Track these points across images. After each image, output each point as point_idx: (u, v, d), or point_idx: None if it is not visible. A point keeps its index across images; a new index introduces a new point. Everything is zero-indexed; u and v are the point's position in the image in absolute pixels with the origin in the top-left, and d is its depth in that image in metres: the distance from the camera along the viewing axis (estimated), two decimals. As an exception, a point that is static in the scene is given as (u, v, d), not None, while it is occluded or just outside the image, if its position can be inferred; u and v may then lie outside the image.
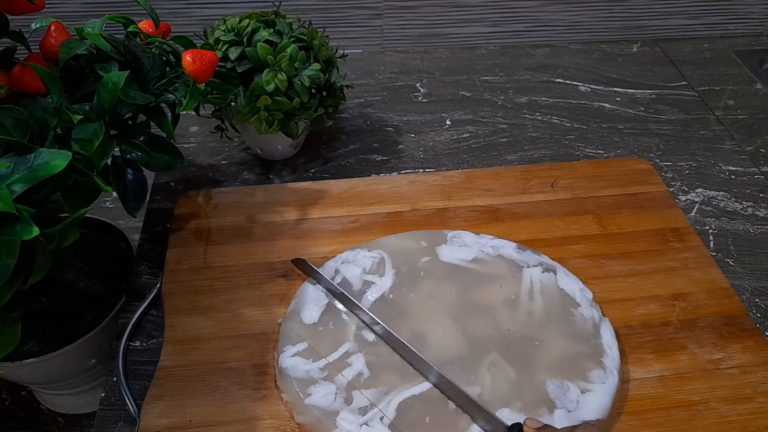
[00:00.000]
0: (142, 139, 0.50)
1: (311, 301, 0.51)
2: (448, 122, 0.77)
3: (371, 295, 0.52)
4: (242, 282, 0.55)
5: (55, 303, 0.54)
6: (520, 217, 0.61)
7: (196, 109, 0.53)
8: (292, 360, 0.47)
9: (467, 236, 0.57)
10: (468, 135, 0.75)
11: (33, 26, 0.49)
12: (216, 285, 0.55)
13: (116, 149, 0.49)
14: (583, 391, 0.45)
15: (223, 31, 0.62)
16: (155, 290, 0.54)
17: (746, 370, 0.49)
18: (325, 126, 0.75)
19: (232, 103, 0.60)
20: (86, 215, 0.43)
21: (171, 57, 0.53)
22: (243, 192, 0.64)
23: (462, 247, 0.56)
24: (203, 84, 0.54)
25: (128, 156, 0.50)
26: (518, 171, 0.66)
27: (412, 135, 0.75)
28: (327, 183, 0.65)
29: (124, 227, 0.63)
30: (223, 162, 0.71)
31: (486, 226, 0.60)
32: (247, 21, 0.62)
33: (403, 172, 0.69)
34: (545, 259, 0.55)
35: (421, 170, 0.69)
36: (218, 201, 0.63)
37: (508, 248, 0.56)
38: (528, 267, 0.54)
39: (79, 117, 0.44)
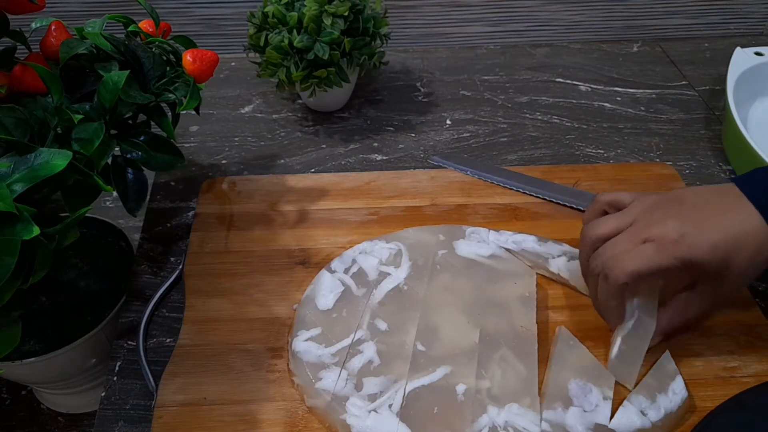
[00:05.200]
0: (142, 138, 0.50)
1: (327, 287, 0.52)
2: (448, 122, 0.77)
3: (386, 285, 0.52)
4: (261, 267, 0.56)
5: (55, 302, 0.54)
6: (539, 216, 0.61)
7: (197, 109, 0.53)
8: (305, 344, 0.48)
9: (485, 232, 0.57)
10: (468, 135, 0.75)
11: (33, 26, 0.49)
12: (236, 269, 0.56)
13: (116, 149, 0.49)
14: (605, 398, 0.45)
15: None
16: (177, 272, 0.56)
17: (762, 379, 0.48)
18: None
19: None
20: (86, 215, 0.43)
21: (171, 57, 0.53)
22: (266, 180, 0.65)
23: (480, 242, 0.56)
24: (203, 84, 0.54)
25: (128, 155, 0.50)
26: (540, 171, 0.67)
27: (413, 135, 0.75)
28: (348, 175, 0.66)
29: (124, 227, 0.63)
30: (224, 162, 0.71)
31: (505, 223, 0.60)
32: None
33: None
34: (567, 248, 0.56)
35: (422, 170, 0.69)
36: (242, 188, 0.64)
37: (529, 241, 0.56)
38: (553, 258, 0.55)
39: (80, 116, 0.44)
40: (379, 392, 0.45)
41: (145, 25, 0.52)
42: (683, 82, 0.84)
